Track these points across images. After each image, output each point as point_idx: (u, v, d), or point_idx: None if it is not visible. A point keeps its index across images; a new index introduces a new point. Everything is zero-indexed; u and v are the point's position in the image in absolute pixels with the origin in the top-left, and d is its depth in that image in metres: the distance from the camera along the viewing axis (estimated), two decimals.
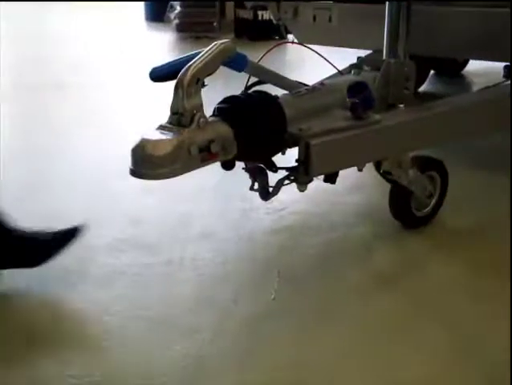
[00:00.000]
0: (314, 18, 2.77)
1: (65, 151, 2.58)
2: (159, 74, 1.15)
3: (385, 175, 1.66)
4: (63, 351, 1.28)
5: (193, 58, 1.14)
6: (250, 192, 1.39)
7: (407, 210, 1.79)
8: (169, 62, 1.17)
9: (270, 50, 1.50)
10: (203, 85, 1.09)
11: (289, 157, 1.38)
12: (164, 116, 1.25)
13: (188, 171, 1.11)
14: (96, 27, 6.59)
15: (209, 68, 1.12)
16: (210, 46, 1.14)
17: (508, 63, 2.28)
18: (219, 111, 1.18)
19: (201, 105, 1.10)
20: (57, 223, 1.52)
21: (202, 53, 1.08)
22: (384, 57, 1.86)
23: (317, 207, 2.01)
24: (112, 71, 4.52)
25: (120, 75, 4.33)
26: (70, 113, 3.23)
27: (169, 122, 1.11)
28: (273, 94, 1.31)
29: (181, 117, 1.08)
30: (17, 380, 1.20)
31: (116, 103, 3.51)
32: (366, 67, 1.73)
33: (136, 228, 1.81)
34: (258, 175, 1.36)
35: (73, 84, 3.94)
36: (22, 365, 1.24)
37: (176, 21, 7.03)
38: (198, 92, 1.09)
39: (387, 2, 1.88)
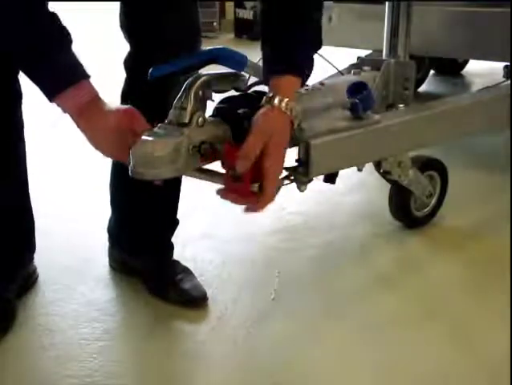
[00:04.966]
0: None
1: (66, 154, 2.58)
2: (158, 75, 1.15)
3: (385, 175, 1.66)
4: (63, 351, 1.28)
5: (192, 58, 1.14)
6: None
7: (407, 210, 1.80)
8: (169, 63, 1.17)
9: None
10: (210, 98, 1.11)
11: (289, 157, 1.38)
12: None
13: (189, 170, 1.11)
14: (95, 28, 6.58)
15: (219, 82, 1.14)
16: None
17: (508, 63, 2.28)
18: (218, 111, 1.18)
19: (202, 106, 1.10)
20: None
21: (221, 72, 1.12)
22: (384, 57, 1.86)
23: (317, 207, 2.01)
24: (113, 71, 4.51)
25: (120, 75, 4.32)
26: None
27: (169, 121, 1.10)
28: None
29: (181, 116, 1.08)
30: (16, 380, 1.20)
31: (117, 102, 3.50)
32: (366, 67, 1.73)
33: None
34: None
35: None
36: (21, 365, 1.24)
37: None
38: (204, 97, 1.10)
39: (387, 2, 1.88)
